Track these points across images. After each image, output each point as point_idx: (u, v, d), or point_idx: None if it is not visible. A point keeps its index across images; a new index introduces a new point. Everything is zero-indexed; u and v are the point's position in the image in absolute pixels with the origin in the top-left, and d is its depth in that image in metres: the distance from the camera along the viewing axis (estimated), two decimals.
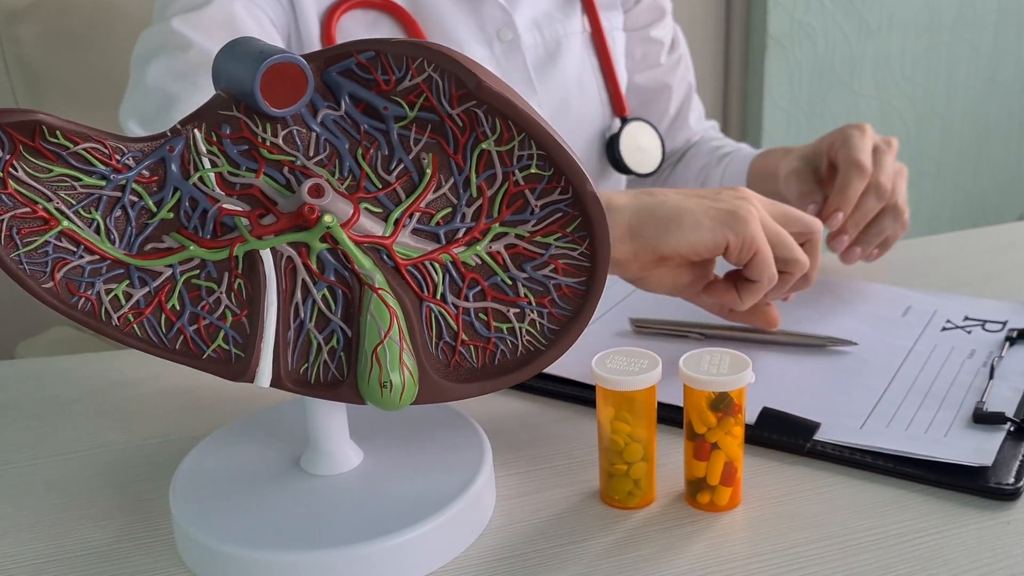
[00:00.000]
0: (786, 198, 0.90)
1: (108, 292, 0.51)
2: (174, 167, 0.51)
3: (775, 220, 0.69)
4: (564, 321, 0.55)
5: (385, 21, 0.96)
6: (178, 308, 0.52)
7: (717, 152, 1.13)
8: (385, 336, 0.53)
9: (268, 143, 0.51)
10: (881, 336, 0.76)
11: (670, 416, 0.64)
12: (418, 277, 0.53)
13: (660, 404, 0.59)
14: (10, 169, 0.49)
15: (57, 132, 0.49)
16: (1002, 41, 2.21)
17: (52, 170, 0.49)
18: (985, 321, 0.78)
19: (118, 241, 0.51)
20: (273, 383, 0.54)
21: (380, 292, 0.53)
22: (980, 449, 0.60)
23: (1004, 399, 0.66)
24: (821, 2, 2.01)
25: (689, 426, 0.57)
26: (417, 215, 0.53)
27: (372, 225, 0.52)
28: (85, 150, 0.49)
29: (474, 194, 0.53)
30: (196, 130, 0.51)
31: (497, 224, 0.53)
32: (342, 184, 0.52)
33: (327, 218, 0.51)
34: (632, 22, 1.13)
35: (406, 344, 0.53)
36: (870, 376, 0.70)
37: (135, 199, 0.51)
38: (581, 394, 0.69)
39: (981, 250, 0.97)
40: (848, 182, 0.83)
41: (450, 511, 0.54)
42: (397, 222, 0.53)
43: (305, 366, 0.54)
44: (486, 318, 0.55)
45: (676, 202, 0.67)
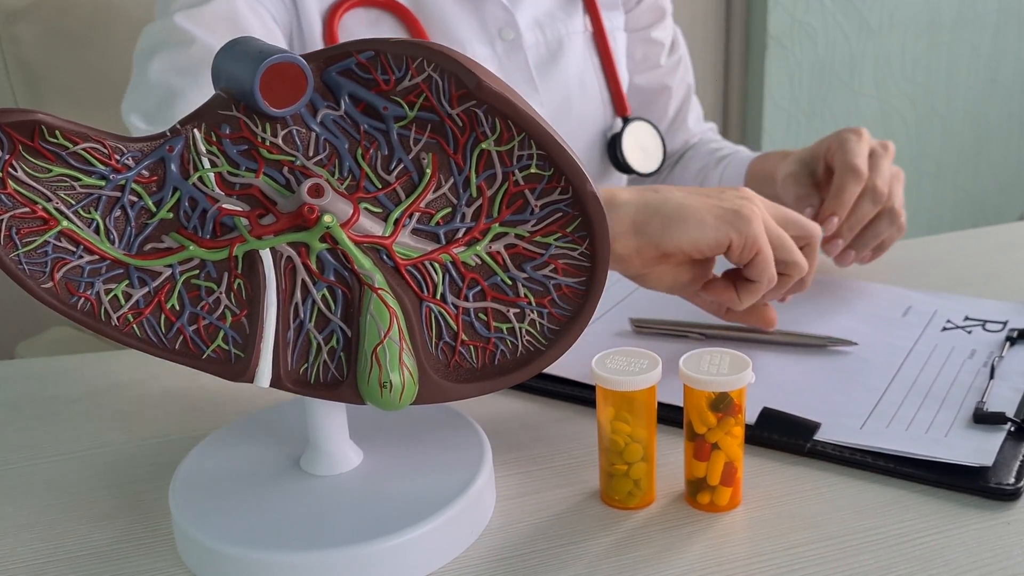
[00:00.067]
0: (783, 201, 0.90)
1: (107, 292, 0.51)
2: (174, 167, 0.51)
3: (776, 223, 0.69)
4: (564, 321, 0.55)
5: (387, 19, 0.96)
6: (178, 308, 0.52)
7: (715, 154, 1.13)
8: (385, 336, 0.53)
9: (268, 143, 0.51)
10: (881, 336, 0.76)
11: (670, 416, 0.64)
12: (418, 277, 0.53)
13: (660, 404, 0.59)
14: (9, 169, 0.48)
15: (56, 132, 0.48)
16: (1002, 41, 2.20)
17: (51, 170, 0.49)
18: (985, 321, 0.78)
19: (117, 241, 0.51)
20: (273, 383, 0.53)
21: (380, 292, 0.52)
22: (980, 449, 0.60)
23: (1004, 399, 0.66)
24: (821, 2, 2.01)
25: (689, 426, 0.57)
26: (417, 215, 0.53)
27: (372, 225, 0.52)
28: (84, 150, 0.49)
29: (474, 194, 0.53)
30: (196, 130, 0.51)
31: (497, 224, 0.53)
32: (342, 184, 0.52)
33: (327, 218, 0.51)
34: (633, 23, 1.13)
35: (406, 344, 0.53)
36: (870, 376, 0.70)
37: (135, 199, 0.51)
38: (581, 394, 0.69)
39: (981, 250, 0.97)
40: (843, 186, 0.83)
41: (450, 511, 0.54)
42: (397, 222, 0.53)
43: (305, 366, 0.54)
44: (486, 318, 0.55)
45: (680, 199, 0.67)
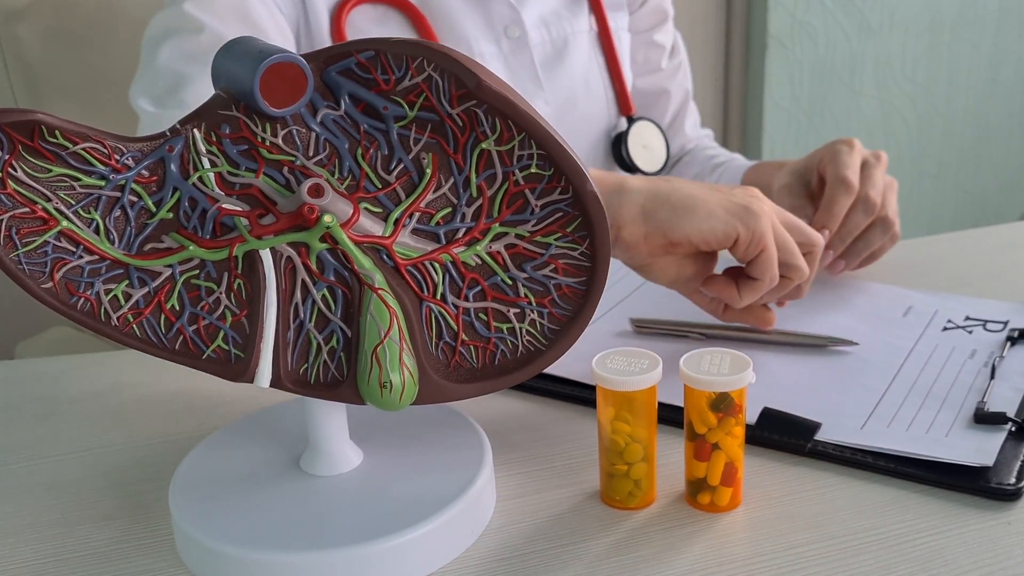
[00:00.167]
0: None
1: (107, 292, 0.51)
2: (173, 167, 0.51)
3: (783, 226, 0.70)
4: (564, 321, 0.55)
5: (394, 16, 0.96)
6: (177, 308, 0.52)
7: (711, 161, 1.13)
8: (385, 336, 0.53)
9: (268, 143, 0.51)
10: (882, 336, 0.76)
11: (671, 416, 0.64)
12: (418, 277, 0.53)
13: (660, 404, 0.59)
14: (9, 169, 0.48)
15: (56, 132, 0.48)
16: (1003, 41, 2.20)
17: (51, 170, 0.49)
18: (986, 321, 0.77)
19: (117, 241, 0.51)
20: (273, 383, 0.53)
21: (380, 292, 0.52)
22: (981, 449, 0.60)
23: (1005, 399, 0.66)
24: (822, 1, 2.01)
25: (690, 426, 0.57)
26: (417, 215, 0.53)
27: (372, 225, 0.52)
28: (84, 150, 0.49)
29: (474, 194, 0.53)
30: (195, 130, 0.51)
31: (497, 224, 0.53)
32: (342, 184, 0.52)
33: (327, 218, 0.51)
34: (636, 25, 1.13)
35: (406, 344, 0.53)
36: (871, 376, 0.70)
37: (134, 199, 0.51)
38: (581, 394, 0.69)
39: (982, 250, 0.97)
40: (834, 199, 0.83)
41: (450, 512, 0.54)
42: (397, 222, 0.53)
43: (305, 366, 0.54)
44: (486, 318, 0.54)
45: (691, 190, 0.68)
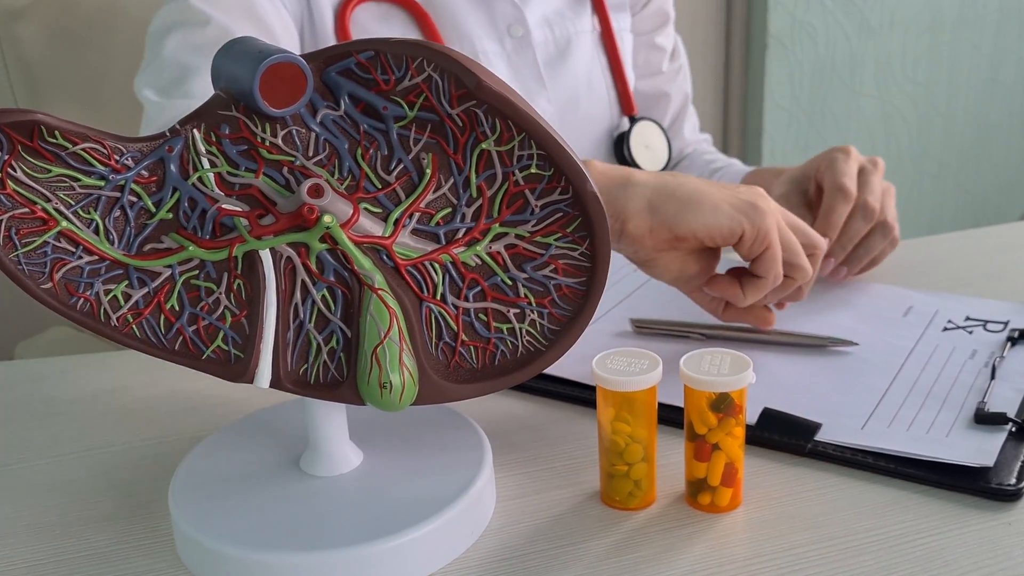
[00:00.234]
0: None
1: (107, 293, 0.51)
2: (173, 167, 0.51)
3: (787, 226, 0.70)
4: (564, 321, 0.55)
5: (398, 14, 0.96)
6: (177, 309, 0.52)
7: (709, 166, 1.14)
8: (385, 337, 0.52)
9: (267, 143, 0.51)
10: (882, 336, 0.76)
11: (671, 417, 0.64)
12: (418, 277, 0.53)
13: (661, 405, 0.59)
14: (9, 169, 0.48)
15: (56, 132, 0.48)
16: (1004, 40, 2.20)
17: (51, 170, 0.49)
18: (987, 321, 0.77)
19: (117, 241, 0.51)
20: (272, 384, 0.53)
21: (380, 292, 0.52)
22: (981, 450, 0.60)
23: (1006, 399, 0.66)
24: (822, 1, 2.01)
25: (690, 427, 0.57)
26: (417, 215, 0.53)
27: (372, 225, 0.52)
28: (84, 150, 0.49)
29: (474, 194, 0.53)
30: (195, 130, 0.51)
31: (497, 224, 0.53)
32: (341, 184, 0.52)
33: (326, 218, 0.51)
34: (637, 27, 1.14)
35: (406, 345, 0.53)
36: (871, 376, 0.70)
37: (134, 199, 0.51)
38: (581, 395, 0.69)
39: (983, 250, 0.97)
40: (832, 207, 0.83)
41: (450, 512, 0.54)
42: (397, 222, 0.53)
43: (304, 367, 0.54)
44: (486, 318, 0.54)
45: (697, 185, 0.68)
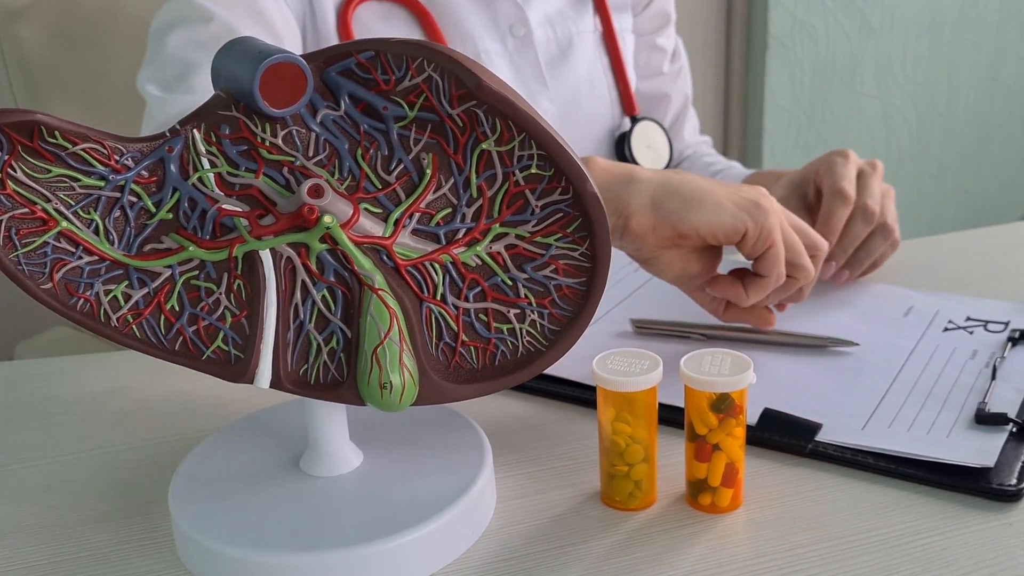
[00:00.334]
0: None
1: (107, 293, 0.51)
2: (173, 167, 0.51)
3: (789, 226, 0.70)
4: (565, 322, 0.55)
5: (400, 13, 0.96)
6: (177, 309, 0.52)
7: (709, 169, 1.14)
8: (385, 337, 0.52)
9: (267, 143, 0.51)
10: (883, 336, 0.75)
11: (671, 417, 0.64)
12: (418, 278, 0.53)
13: (661, 405, 0.59)
14: (9, 170, 0.48)
15: (56, 132, 0.48)
16: (1004, 40, 2.20)
17: (51, 171, 0.49)
18: (987, 322, 0.77)
19: (117, 242, 0.51)
20: (272, 384, 0.53)
21: (380, 293, 0.52)
22: (982, 450, 0.60)
23: (1006, 400, 0.65)
24: (822, 1, 2.01)
25: (690, 427, 0.57)
26: (417, 215, 0.53)
27: (372, 225, 0.52)
28: (84, 150, 0.49)
29: (474, 194, 0.53)
30: (195, 130, 0.51)
31: (497, 224, 0.53)
32: (342, 184, 0.52)
33: (327, 219, 0.51)
34: (639, 27, 1.14)
35: (406, 345, 0.53)
36: (872, 377, 0.70)
37: (134, 200, 0.51)
38: (582, 395, 0.69)
39: (983, 250, 0.97)
40: (832, 211, 0.83)
41: (450, 513, 0.54)
42: (397, 222, 0.53)
43: (305, 367, 0.54)
44: (486, 319, 0.54)
45: (701, 183, 0.68)
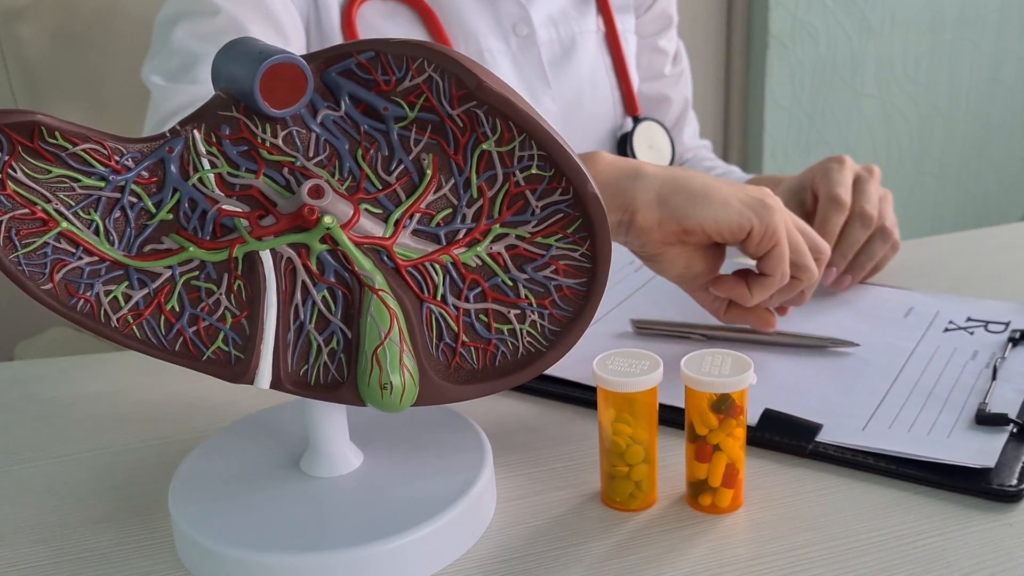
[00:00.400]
0: None
1: (107, 293, 0.51)
2: (173, 168, 0.51)
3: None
4: (565, 322, 0.54)
5: (404, 12, 0.96)
6: (177, 310, 0.52)
7: (708, 173, 1.13)
8: (385, 337, 0.52)
9: (268, 144, 0.51)
10: (883, 337, 0.75)
11: (671, 418, 0.64)
12: (418, 278, 0.53)
13: (661, 405, 0.59)
14: (9, 170, 0.48)
15: (56, 133, 0.48)
16: (1005, 41, 2.20)
17: (51, 171, 0.49)
18: (988, 322, 0.77)
19: (117, 242, 0.51)
20: (273, 385, 0.53)
21: (380, 293, 0.52)
22: (983, 451, 0.60)
23: (1007, 400, 0.65)
24: (823, 1, 2.00)
25: (691, 428, 0.57)
26: (417, 216, 0.53)
27: (372, 226, 0.52)
28: (84, 151, 0.49)
29: (475, 195, 0.53)
30: (195, 131, 0.51)
31: (498, 225, 0.53)
32: (342, 185, 0.52)
33: (327, 219, 0.51)
34: (641, 29, 1.14)
35: (406, 345, 0.53)
36: (872, 377, 0.69)
37: (134, 200, 0.51)
38: (582, 396, 0.69)
39: (984, 251, 0.97)
40: (827, 217, 0.83)
41: (450, 513, 0.54)
42: (397, 223, 0.53)
43: (305, 368, 0.54)
44: (487, 319, 0.54)
45: (707, 180, 0.68)
